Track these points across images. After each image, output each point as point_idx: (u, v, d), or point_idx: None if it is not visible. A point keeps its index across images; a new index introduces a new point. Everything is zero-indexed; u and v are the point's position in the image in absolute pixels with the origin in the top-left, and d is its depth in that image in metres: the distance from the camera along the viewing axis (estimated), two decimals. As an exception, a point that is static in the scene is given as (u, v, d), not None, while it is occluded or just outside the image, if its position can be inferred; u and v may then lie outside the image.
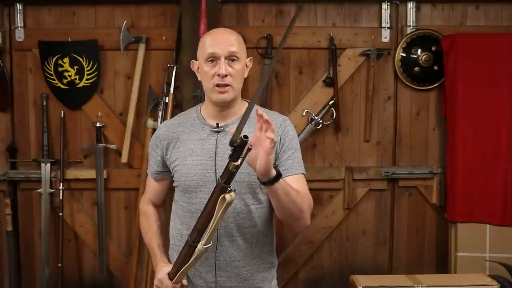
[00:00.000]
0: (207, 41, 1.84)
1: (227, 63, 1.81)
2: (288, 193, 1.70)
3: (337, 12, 3.52)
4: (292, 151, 1.87)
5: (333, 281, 3.64)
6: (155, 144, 1.97)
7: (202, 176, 1.84)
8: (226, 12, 3.47)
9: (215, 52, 1.80)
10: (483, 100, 3.38)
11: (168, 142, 1.93)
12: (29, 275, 3.62)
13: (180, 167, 1.88)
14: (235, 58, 1.82)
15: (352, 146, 3.58)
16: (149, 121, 3.43)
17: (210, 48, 1.81)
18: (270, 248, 1.98)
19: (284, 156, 1.86)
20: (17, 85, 3.51)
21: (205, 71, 1.83)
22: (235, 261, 1.87)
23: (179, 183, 1.90)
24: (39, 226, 3.51)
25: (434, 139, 3.59)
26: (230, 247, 1.86)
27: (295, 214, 1.77)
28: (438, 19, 3.53)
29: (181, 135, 1.91)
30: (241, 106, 1.92)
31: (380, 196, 3.60)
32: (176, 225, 1.96)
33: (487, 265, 3.35)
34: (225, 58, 1.80)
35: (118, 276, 3.59)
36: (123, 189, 3.55)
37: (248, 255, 1.89)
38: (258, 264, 1.92)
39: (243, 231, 1.87)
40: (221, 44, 1.81)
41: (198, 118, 1.93)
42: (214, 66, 1.81)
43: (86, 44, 3.42)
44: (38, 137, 3.51)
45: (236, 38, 1.85)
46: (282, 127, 1.88)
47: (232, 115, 1.90)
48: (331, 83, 3.48)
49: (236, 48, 1.82)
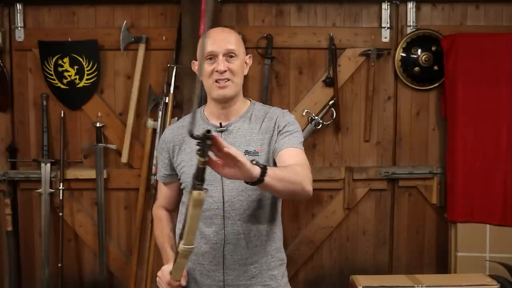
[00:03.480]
0: (206, 41, 1.85)
1: (226, 60, 1.84)
2: (281, 177, 1.65)
3: (337, 12, 3.52)
4: (289, 132, 1.87)
5: (333, 281, 3.64)
6: (162, 147, 2.00)
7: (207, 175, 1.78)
8: (226, 12, 3.47)
9: (213, 50, 1.83)
10: (483, 100, 3.38)
11: (174, 145, 1.95)
12: (29, 275, 3.62)
13: (186, 168, 1.89)
14: (233, 54, 1.85)
15: (352, 146, 3.58)
16: (149, 121, 3.43)
17: (209, 47, 1.83)
18: (278, 245, 1.96)
19: (279, 137, 1.86)
20: (17, 85, 3.51)
21: (205, 69, 1.85)
22: (242, 259, 1.86)
23: (186, 184, 1.91)
24: (39, 226, 3.51)
25: (434, 139, 3.59)
26: (237, 245, 1.85)
27: (296, 191, 1.72)
28: (438, 19, 3.53)
29: (186, 137, 1.90)
30: (243, 104, 1.94)
31: (380, 196, 3.60)
32: (180, 226, 1.95)
33: (487, 265, 3.35)
34: (223, 55, 1.83)
35: (118, 276, 3.59)
36: (123, 189, 3.55)
37: (256, 253, 1.88)
38: (266, 262, 1.91)
39: (250, 229, 1.86)
40: (219, 42, 1.84)
41: (202, 118, 1.95)
42: (213, 63, 1.84)
43: (86, 44, 3.42)
44: (38, 137, 3.51)
45: (233, 36, 1.89)
46: (280, 116, 1.90)
47: (235, 113, 1.91)
48: (331, 83, 3.48)
49: (233, 45, 1.86)
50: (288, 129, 1.88)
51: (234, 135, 1.88)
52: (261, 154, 1.86)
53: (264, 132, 1.89)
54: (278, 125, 1.89)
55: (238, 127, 1.90)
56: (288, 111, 1.98)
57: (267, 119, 1.91)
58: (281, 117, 1.91)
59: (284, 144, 1.85)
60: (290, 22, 3.51)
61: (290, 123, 1.90)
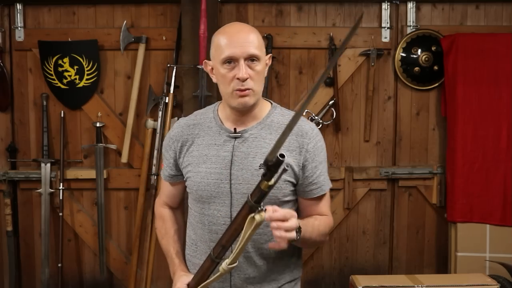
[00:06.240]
0: (223, 42, 1.64)
1: (247, 64, 1.63)
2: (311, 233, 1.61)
3: (337, 12, 3.52)
4: (322, 164, 1.74)
5: (333, 281, 3.64)
6: (168, 145, 1.81)
7: (215, 187, 1.69)
8: (226, 12, 3.47)
9: (233, 54, 1.62)
10: (483, 100, 3.38)
11: (181, 144, 1.77)
12: (29, 275, 3.62)
13: (192, 174, 1.73)
14: (255, 59, 1.64)
15: (352, 146, 3.58)
16: (149, 121, 3.43)
17: (228, 50, 1.62)
18: (292, 261, 1.79)
19: (315, 171, 1.71)
20: (17, 85, 3.51)
21: (222, 74, 1.65)
22: (250, 278, 1.71)
23: (191, 191, 1.76)
24: (39, 226, 3.51)
25: (434, 139, 3.59)
26: (245, 264, 1.69)
27: (321, 243, 1.73)
28: (438, 19, 3.53)
29: (196, 138, 1.75)
30: (262, 109, 1.74)
31: (380, 196, 3.60)
32: (190, 234, 1.81)
33: (487, 265, 3.35)
34: (244, 60, 1.62)
35: (118, 276, 3.59)
36: (123, 189, 3.55)
37: (266, 273, 1.72)
38: (277, 281, 1.75)
39: (260, 247, 1.70)
40: (240, 46, 1.62)
41: (215, 120, 1.75)
42: (233, 69, 1.63)
43: (86, 44, 3.42)
44: (38, 137, 3.51)
45: (255, 37, 1.66)
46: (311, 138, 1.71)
47: (252, 119, 1.71)
48: (331, 83, 3.48)
49: (256, 48, 1.64)
50: (319, 159, 1.72)
51: (249, 144, 1.69)
52: None
53: (287, 148, 1.66)
54: (307, 148, 1.70)
55: (255, 135, 1.70)
56: (317, 128, 1.78)
57: (294, 134, 1.69)
58: (313, 140, 1.71)
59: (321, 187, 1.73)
60: (290, 22, 3.51)
61: (320, 150, 1.73)
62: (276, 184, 1.40)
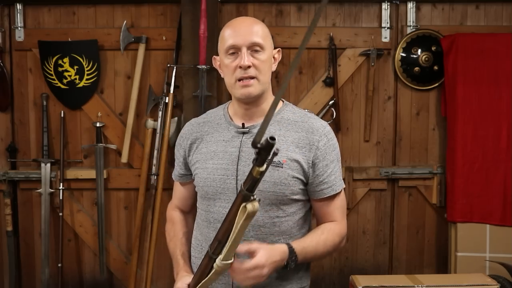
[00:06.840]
0: (227, 33, 1.65)
1: (250, 54, 1.62)
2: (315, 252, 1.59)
3: (337, 12, 3.52)
4: (334, 163, 1.69)
5: (333, 281, 3.64)
6: (179, 143, 1.81)
7: (221, 183, 1.66)
8: (226, 12, 3.47)
9: (235, 42, 1.61)
10: (483, 100, 3.38)
11: (191, 142, 1.76)
12: (29, 275, 3.62)
13: (199, 170, 1.71)
14: (258, 48, 1.63)
15: (352, 146, 3.58)
16: (149, 121, 3.43)
17: (231, 39, 1.62)
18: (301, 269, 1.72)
19: (326, 170, 1.67)
20: (17, 85, 3.51)
21: (226, 65, 1.64)
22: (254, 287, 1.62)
23: (198, 188, 1.74)
24: (39, 226, 3.51)
25: (434, 139, 3.59)
26: None
27: (332, 252, 1.70)
28: (438, 19, 3.53)
29: (205, 136, 1.74)
30: None
31: (380, 196, 3.60)
32: (197, 236, 1.78)
33: (487, 265, 3.35)
34: (247, 49, 1.61)
35: (118, 276, 3.59)
36: (123, 189, 3.55)
37: (272, 278, 1.63)
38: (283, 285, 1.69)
39: None
40: (242, 34, 1.62)
41: (225, 117, 1.75)
42: (236, 58, 1.62)
43: (86, 44, 3.42)
44: (38, 137, 3.51)
45: (259, 27, 1.65)
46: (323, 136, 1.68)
47: (261, 114, 1.68)
48: (331, 83, 3.48)
49: (259, 37, 1.63)
50: (331, 157, 1.68)
51: None
52: (285, 167, 1.63)
53: (296, 145, 1.65)
54: (318, 145, 1.65)
55: None
56: (329, 126, 1.73)
57: (305, 131, 1.67)
58: (324, 137, 1.67)
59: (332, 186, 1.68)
60: (290, 22, 3.52)
61: (332, 149, 1.69)
62: (267, 170, 1.33)
